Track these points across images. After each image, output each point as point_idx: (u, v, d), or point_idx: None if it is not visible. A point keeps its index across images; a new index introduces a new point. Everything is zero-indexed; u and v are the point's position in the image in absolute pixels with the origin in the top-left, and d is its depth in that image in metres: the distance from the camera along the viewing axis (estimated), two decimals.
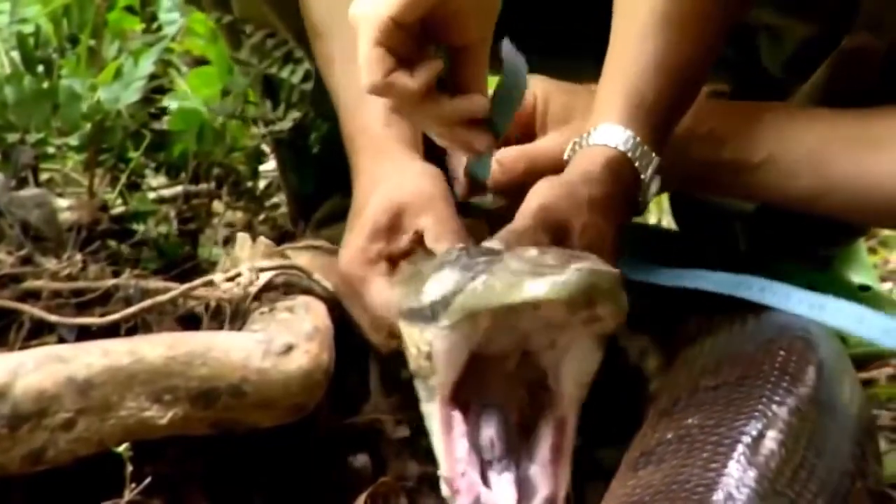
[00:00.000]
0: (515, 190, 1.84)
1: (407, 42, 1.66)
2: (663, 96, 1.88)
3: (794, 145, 1.92)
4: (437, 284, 1.58)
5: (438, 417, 1.57)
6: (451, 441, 1.55)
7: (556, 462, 1.54)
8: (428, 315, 1.57)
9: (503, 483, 1.52)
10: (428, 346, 1.56)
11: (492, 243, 1.69)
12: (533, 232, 1.73)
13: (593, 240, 1.77)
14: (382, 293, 1.82)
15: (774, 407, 1.54)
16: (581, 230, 1.76)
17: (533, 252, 1.53)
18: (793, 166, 1.91)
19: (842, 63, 2.03)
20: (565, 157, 1.88)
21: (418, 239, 1.83)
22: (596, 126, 1.86)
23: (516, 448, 1.56)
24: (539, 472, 1.54)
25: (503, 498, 1.51)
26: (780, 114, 1.95)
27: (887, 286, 2.86)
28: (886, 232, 3.28)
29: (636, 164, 1.83)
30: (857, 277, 2.47)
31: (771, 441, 1.48)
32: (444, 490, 1.53)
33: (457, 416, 1.56)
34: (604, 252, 1.75)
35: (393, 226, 1.86)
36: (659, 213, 3.12)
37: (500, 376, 1.59)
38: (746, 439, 1.47)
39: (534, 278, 1.43)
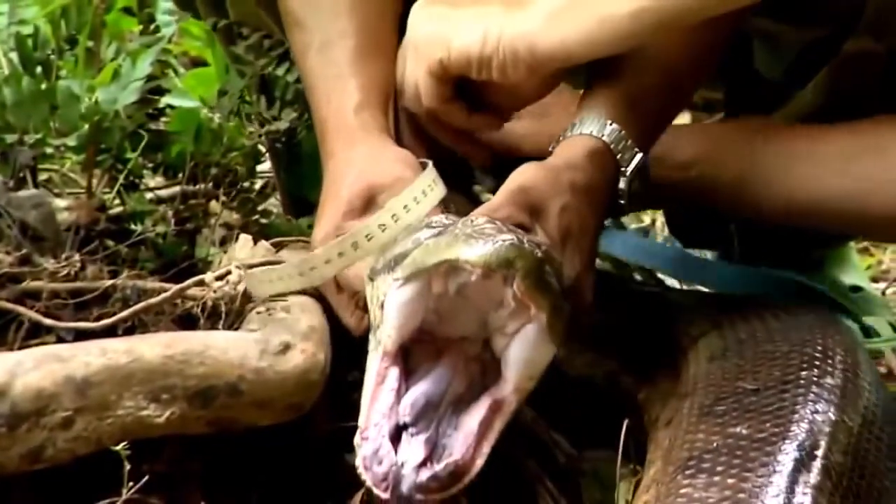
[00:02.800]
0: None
1: None
2: (652, 96, 1.90)
3: (768, 161, 1.95)
4: (400, 244, 1.68)
5: (375, 368, 1.63)
6: (377, 392, 1.61)
7: (480, 436, 1.59)
8: (390, 267, 1.67)
9: (413, 443, 1.57)
10: (383, 296, 1.65)
11: (474, 214, 1.74)
12: (509, 211, 1.77)
13: (572, 223, 1.80)
14: (356, 266, 1.83)
15: (821, 418, 1.56)
16: (559, 212, 1.79)
17: (482, 221, 1.59)
18: (766, 182, 1.94)
19: (843, 68, 2.04)
20: (550, 147, 1.90)
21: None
22: (581, 117, 1.88)
23: (443, 417, 1.60)
24: (460, 440, 1.58)
25: (410, 455, 1.55)
26: (754, 131, 1.99)
27: (880, 286, 2.87)
28: None
29: (618, 156, 1.85)
30: (848, 278, 2.48)
31: (826, 459, 1.49)
32: (356, 438, 1.58)
33: (393, 371, 1.62)
34: (583, 238, 1.80)
35: (367, 207, 1.89)
36: (653, 214, 3.13)
37: (458, 352, 1.65)
38: (802, 458, 1.47)
39: (468, 243, 1.51)
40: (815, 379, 1.63)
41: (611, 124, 1.86)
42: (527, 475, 1.65)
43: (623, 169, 1.86)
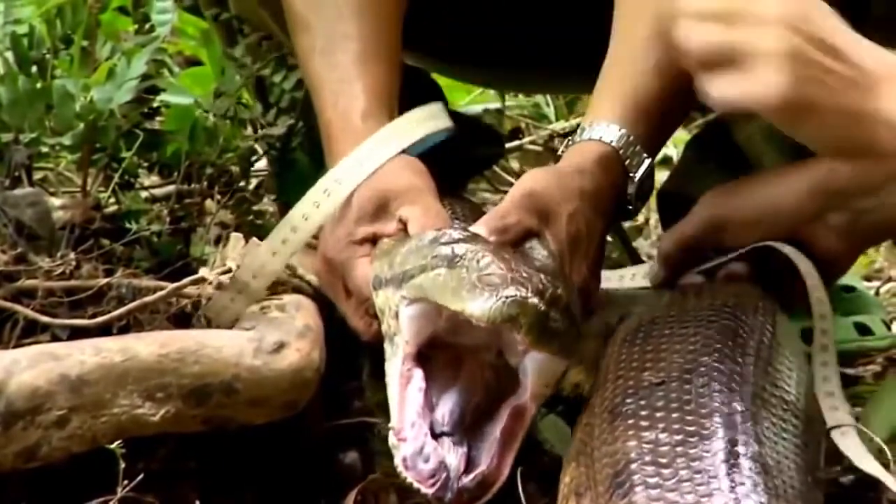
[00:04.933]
0: None
1: None
2: (661, 101, 1.90)
3: None
4: (408, 258, 1.69)
5: (398, 371, 1.63)
6: (405, 394, 1.62)
7: (504, 446, 1.59)
8: (398, 282, 1.68)
9: (454, 451, 1.58)
10: (396, 307, 1.66)
11: (476, 227, 1.76)
12: (517, 216, 1.78)
13: (580, 228, 1.80)
14: (367, 271, 1.84)
15: (727, 410, 1.54)
16: (568, 218, 1.80)
17: (488, 261, 1.59)
18: None
19: None
20: (559, 152, 1.91)
21: (403, 227, 1.85)
22: (591, 123, 1.88)
23: (468, 427, 1.61)
24: (485, 450, 1.59)
25: (449, 458, 1.57)
26: None
27: (873, 285, 2.87)
28: None
29: (626, 161, 1.85)
30: (842, 279, 2.48)
31: (752, 457, 1.48)
32: (391, 440, 1.58)
33: (417, 372, 1.63)
34: (591, 243, 1.80)
35: (378, 213, 1.88)
36: (647, 213, 3.14)
37: (475, 362, 1.65)
38: (728, 458, 1.45)
39: (472, 294, 1.53)
40: (716, 366, 1.61)
41: (620, 129, 1.86)
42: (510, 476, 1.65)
43: (632, 175, 1.87)
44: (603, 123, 1.88)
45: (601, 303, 1.91)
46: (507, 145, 3.32)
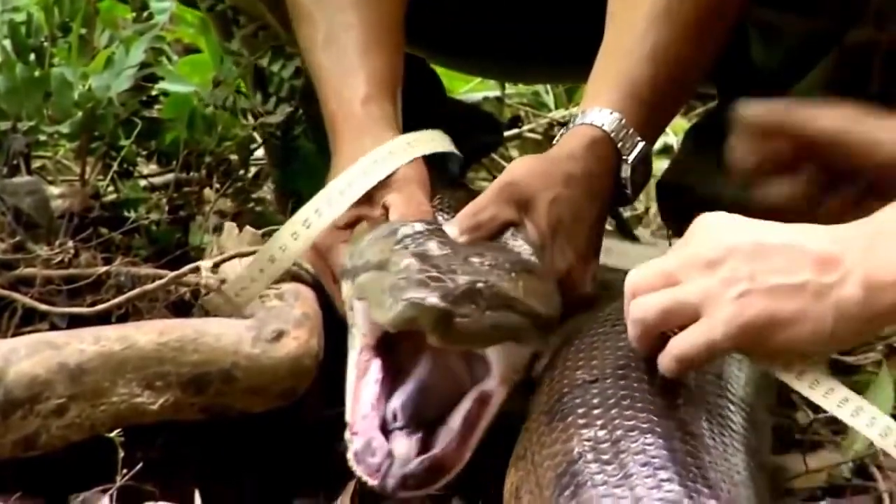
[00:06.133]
0: None
1: None
2: (657, 88, 1.90)
3: None
4: (363, 252, 1.72)
5: (355, 362, 1.66)
6: (360, 385, 1.64)
7: (465, 431, 1.61)
8: (351, 276, 1.72)
9: (403, 439, 1.60)
10: (352, 300, 1.70)
11: (448, 226, 1.78)
12: (494, 210, 1.79)
13: (563, 214, 1.81)
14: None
15: (663, 403, 1.53)
16: (549, 204, 1.81)
17: (407, 263, 1.61)
18: None
19: (844, 59, 2.04)
20: (554, 141, 1.91)
21: (386, 213, 1.86)
22: (585, 109, 1.88)
23: (431, 414, 1.62)
24: (444, 434, 1.60)
25: (399, 450, 1.58)
26: None
27: None
28: None
29: (619, 144, 1.85)
30: None
31: (694, 448, 1.47)
32: (346, 434, 1.60)
33: (374, 363, 1.65)
34: (578, 228, 1.81)
35: (364, 198, 1.88)
36: (647, 202, 3.13)
37: (443, 352, 1.65)
38: (670, 450, 1.45)
39: (381, 302, 1.57)
40: (651, 361, 1.57)
41: (612, 113, 1.87)
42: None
43: (625, 157, 1.87)
44: (597, 109, 1.89)
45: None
46: (507, 133, 3.32)
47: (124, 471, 1.64)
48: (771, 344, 1.46)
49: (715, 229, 1.49)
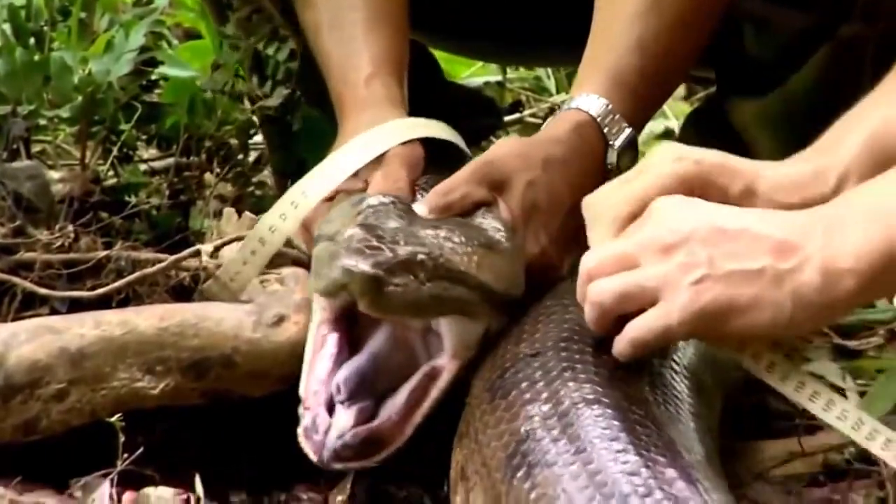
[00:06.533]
0: None
1: None
2: (644, 77, 1.91)
3: None
4: (324, 226, 1.73)
5: (313, 336, 1.67)
6: (315, 360, 1.65)
7: (410, 405, 1.61)
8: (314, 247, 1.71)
9: (346, 412, 1.59)
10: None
11: (418, 206, 1.79)
12: (465, 189, 1.80)
13: (539, 197, 1.82)
14: None
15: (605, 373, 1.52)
16: (525, 187, 1.81)
17: (352, 232, 1.61)
18: None
19: (836, 53, 2.04)
20: (543, 127, 1.92)
21: (366, 188, 1.87)
22: (573, 95, 1.90)
23: (378, 391, 1.62)
24: (388, 408, 1.61)
25: (338, 420, 1.58)
26: None
27: None
28: None
29: (605, 129, 1.86)
30: None
31: (643, 416, 1.46)
32: (300, 409, 1.61)
33: (331, 337, 1.65)
34: (554, 212, 1.81)
35: (352, 174, 1.89)
36: None
37: (399, 327, 1.66)
38: (622, 422, 1.43)
39: (318, 272, 1.61)
40: (594, 333, 1.57)
41: (599, 99, 1.87)
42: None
43: (612, 143, 1.87)
44: (584, 95, 1.90)
45: None
46: (508, 118, 3.32)
47: (125, 455, 1.64)
48: (728, 329, 1.44)
49: (672, 212, 1.46)
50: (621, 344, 1.48)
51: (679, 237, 1.42)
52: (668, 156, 1.54)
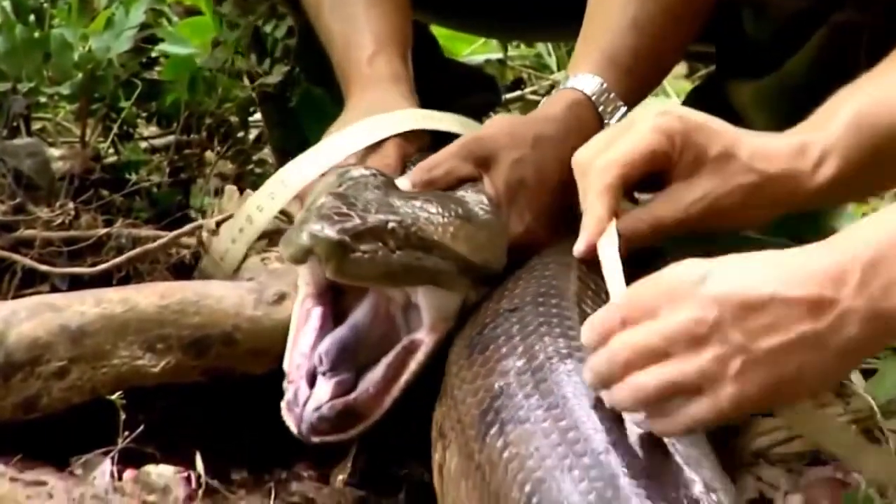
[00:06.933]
0: None
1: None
2: (638, 57, 1.92)
3: None
4: (310, 198, 1.71)
5: (298, 311, 1.66)
6: (299, 334, 1.65)
7: (388, 378, 1.61)
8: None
9: (324, 385, 1.59)
10: None
11: (401, 181, 1.78)
12: (451, 164, 1.81)
13: (526, 175, 1.82)
14: None
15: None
16: (511, 164, 1.81)
17: (323, 201, 1.61)
18: None
19: (830, 39, 2.04)
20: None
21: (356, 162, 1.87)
22: (568, 76, 1.91)
23: (359, 363, 1.62)
24: (366, 381, 1.61)
25: (317, 392, 1.59)
26: None
27: None
28: None
29: (600, 108, 1.86)
30: (844, 226, 2.47)
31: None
32: (284, 384, 1.61)
33: (315, 311, 1.65)
34: (540, 191, 1.81)
35: (368, 153, 1.90)
36: None
37: (381, 300, 1.66)
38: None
39: (287, 238, 1.59)
40: (572, 287, 1.58)
41: (593, 78, 1.87)
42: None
43: (606, 121, 1.87)
44: (579, 74, 1.90)
45: None
46: (509, 95, 3.31)
47: (126, 433, 1.64)
48: (779, 402, 1.43)
49: (690, 289, 1.32)
50: (671, 426, 1.34)
51: (707, 327, 1.30)
52: (652, 111, 1.53)
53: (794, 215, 1.99)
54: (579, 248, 1.58)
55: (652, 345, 1.31)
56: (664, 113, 1.53)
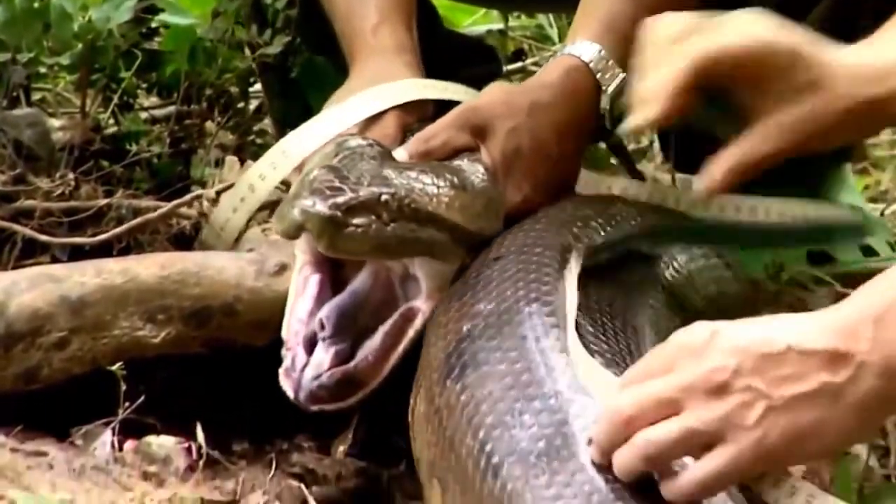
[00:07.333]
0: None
1: None
2: (637, 25, 1.90)
3: None
4: (306, 168, 1.71)
5: (295, 280, 1.67)
6: (297, 300, 1.65)
7: (386, 346, 1.61)
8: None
9: (324, 352, 1.59)
10: None
11: (398, 152, 1.79)
12: (446, 136, 1.82)
13: (522, 144, 1.82)
14: None
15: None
16: (507, 133, 1.81)
17: (316, 174, 1.61)
18: None
19: (835, 6, 2.04)
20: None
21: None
22: (567, 43, 1.92)
23: (358, 330, 1.62)
24: (365, 349, 1.61)
25: (315, 358, 1.59)
26: None
27: (878, 206, 2.86)
28: (878, 153, 3.28)
29: (598, 75, 1.85)
30: (845, 200, 2.47)
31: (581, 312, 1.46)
32: (283, 351, 1.61)
33: (313, 279, 1.66)
34: (537, 159, 1.82)
35: (369, 124, 1.90)
36: (651, 135, 3.12)
37: (381, 268, 1.67)
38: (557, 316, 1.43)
39: (279, 213, 1.60)
40: (558, 239, 1.60)
41: (591, 45, 1.87)
42: None
43: (604, 88, 1.87)
44: (578, 41, 1.90)
45: None
46: (510, 66, 3.30)
47: (126, 404, 1.64)
48: (797, 458, 1.35)
49: (704, 348, 1.29)
50: (686, 485, 1.28)
51: (728, 374, 1.26)
52: (751, 17, 1.52)
53: (794, 184, 2.00)
54: (648, 113, 1.54)
55: (665, 397, 1.27)
56: (763, 24, 1.53)
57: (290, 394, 1.59)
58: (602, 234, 1.68)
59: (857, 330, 1.25)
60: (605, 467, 1.25)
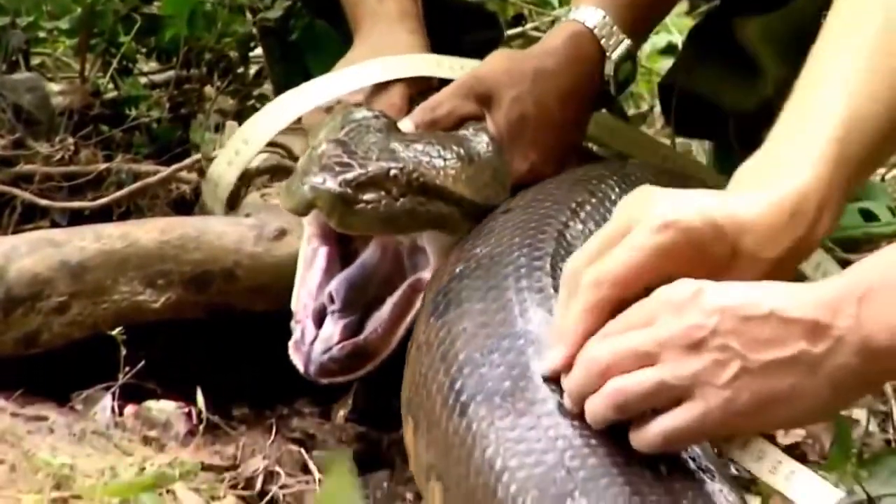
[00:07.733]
0: None
1: None
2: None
3: None
4: (312, 138, 1.73)
5: (304, 253, 1.66)
6: (306, 273, 1.64)
7: (395, 318, 1.61)
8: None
9: (332, 325, 1.59)
10: None
11: (403, 122, 1.78)
12: (451, 106, 1.80)
13: (527, 112, 1.82)
14: None
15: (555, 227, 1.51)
16: (511, 101, 1.81)
17: (325, 149, 1.60)
18: None
19: None
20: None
21: (362, 102, 1.87)
22: (572, 8, 1.91)
23: (366, 301, 1.62)
24: (374, 321, 1.61)
25: (325, 335, 1.58)
26: None
27: (879, 171, 2.85)
28: None
29: (602, 41, 1.85)
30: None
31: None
32: (292, 324, 1.61)
33: (321, 251, 1.65)
34: (543, 127, 1.82)
35: (374, 94, 1.90)
36: (652, 100, 3.11)
37: (389, 241, 1.67)
38: (544, 259, 1.44)
39: (288, 189, 1.58)
40: (565, 194, 1.60)
41: (596, 10, 1.86)
42: None
43: (608, 54, 1.86)
44: (582, 7, 1.89)
45: None
46: (510, 32, 3.29)
47: (126, 369, 1.64)
48: (765, 423, 1.33)
49: (686, 303, 1.29)
50: (650, 435, 1.28)
51: (706, 332, 1.27)
52: (652, 220, 1.34)
53: None
54: (554, 362, 1.33)
55: (642, 350, 1.27)
56: (666, 227, 1.33)
57: (301, 367, 1.58)
58: (618, 191, 1.67)
59: (840, 305, 1.25)
60: (572, 413, 1.25)
